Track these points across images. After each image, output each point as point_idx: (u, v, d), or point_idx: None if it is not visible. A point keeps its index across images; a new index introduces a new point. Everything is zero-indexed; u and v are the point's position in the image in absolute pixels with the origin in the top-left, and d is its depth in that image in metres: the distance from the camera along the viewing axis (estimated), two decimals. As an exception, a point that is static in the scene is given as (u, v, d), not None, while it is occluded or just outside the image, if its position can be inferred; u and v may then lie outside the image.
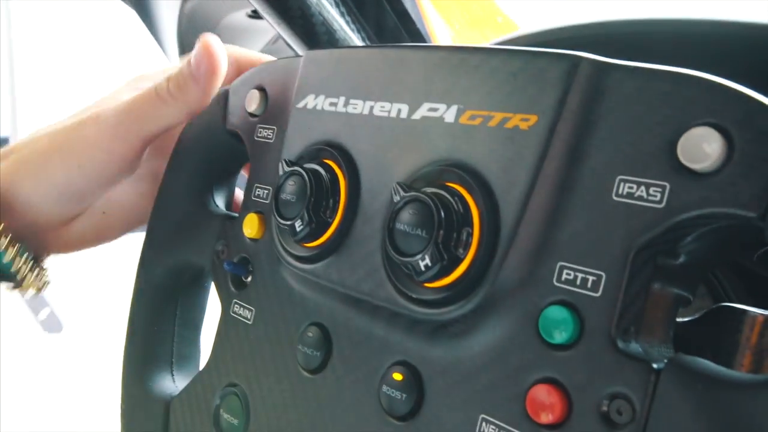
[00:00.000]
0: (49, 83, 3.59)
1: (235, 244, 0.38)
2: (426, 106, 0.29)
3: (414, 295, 0.28)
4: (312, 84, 0.35)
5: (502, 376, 0.26)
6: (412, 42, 0.64)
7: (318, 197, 0.32)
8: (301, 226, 0.32)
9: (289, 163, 0.33)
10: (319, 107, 0.34)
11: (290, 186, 0.32)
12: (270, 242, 0.36)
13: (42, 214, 0.42)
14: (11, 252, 0.41)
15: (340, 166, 0.32)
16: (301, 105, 0.35)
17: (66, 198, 0.41)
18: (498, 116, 0.27)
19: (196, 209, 0.42)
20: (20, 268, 0.41)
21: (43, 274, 0.44)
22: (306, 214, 0.32)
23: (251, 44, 0.84)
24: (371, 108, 0.32)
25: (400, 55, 0.31)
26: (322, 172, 0.32)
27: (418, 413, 0.29)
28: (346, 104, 0.33)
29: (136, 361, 0.44)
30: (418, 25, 0.64)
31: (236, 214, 0.39)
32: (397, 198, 0.28)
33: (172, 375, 0.44)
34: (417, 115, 0.30)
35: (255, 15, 0.78)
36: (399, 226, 0.27)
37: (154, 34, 0.86)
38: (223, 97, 0.40)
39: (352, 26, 0.59)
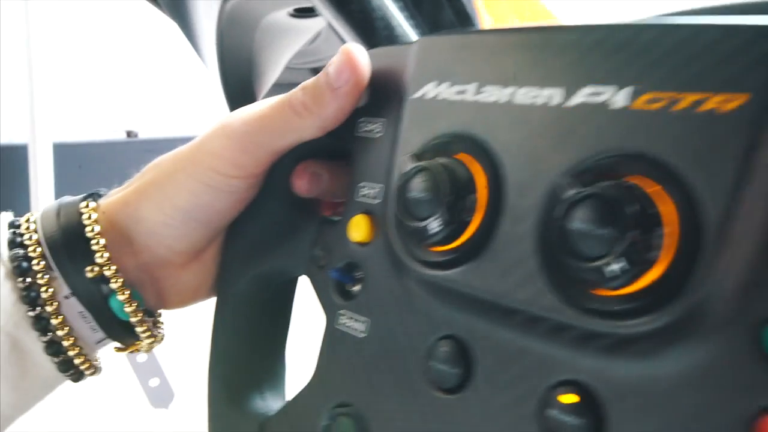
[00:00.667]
0: (67, 89, 3.59)
1: (338, 249, 0.35)
2: (586, 90, 0.26)
3: (589, 305, 0.24)
4: (431, 72, 0.32)
5: (713, 402, 0.22)
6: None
7: (457, 194, 0.28)
8: (439, 227, 0.28)
9: (417, 158, 0.30)
10: (442, 96, 0.31)
11: (421, 183, 0.29)
12: (382, 246, 0.33)
13: (164, 245, 0.38)
14: (125, 299, 0.37)
15: (476, 160, 0.29)
16: (418, 95, 0.32)
17: (192, 222, 0.38)
18: (689, 98, 0.23)
19: (285, 212, 0.39)
20: (137, 319, 0.37)
21: (159, 329, 0.40)
22: (445, 213, 0.28)
23: (291, 44, 0.81)
24: (511, 95, 0.28)
25: (545, 36, 0.28)
26: (458, 166, 0.29)
27: None
28: (477, 92, 0.29)
29: (223, 379, 0.41)
30: (476, 25, 0.61)
31: (334, 218, 0.36)
32: (570, 193, 0.24)
33: (261, 393, 0.41)
34: (573, 102, 0.26)
35: (297, 14, 0.75)
36: (575, 225, 0.24)
37: (188, 35, 0.84)
38: None
39: (410, 21, 0.56)
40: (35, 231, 0.37)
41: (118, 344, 0.40)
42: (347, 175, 0.36)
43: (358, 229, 0.34)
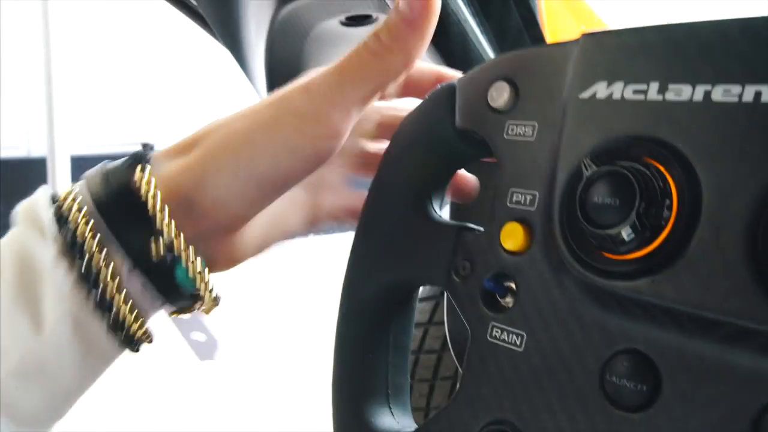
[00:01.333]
0: (85, 102, 3.61)
1: (486, 259, 0.33)
2: None
3: None
4: (600, 70, 0.30)
5: None
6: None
7: (649, 199, 0.26)
8: (630, 235, 0.26)
9: (596, 161, 0.28)
10: (616, 96, 0.29)
11: (607, 187, 0.27)
12: (540, 256, 0.31)
13: (230, 214, 0.36)
14: (191, 267, 0.35)
15: (664, 164, 0.27)
16: (586, 95, 0.30)
17: (269, 188, 0.36)
18: None
19: (417, 218, 0.37)
20: (200, 284, 0.36)
21: (216, 292, 0.38)
22: (637, 221, 0.26)
23: (341, 53, 0.80)
24: (707, 93, 0.26)
25: (740, 27, 0.26)
26: (648, 170, 0.27)
27: None
28: (662, 90, 0.27)
29: (350, 394, 0.38)
30: (543, 31, 0.59)
31: (474, 226, 0.34)
32: None
33: (390, 408, 0.39)
34: None
35: (349, 22, 0.74)
36: None
37: (236, 54, 0.83)
38: (448, 91, 0.35)
39: (480, 27, 0.55)
40: (82, 205, 0.34)
41: (175, 308, 0.38)
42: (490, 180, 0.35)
43: (513, 237, 0.32)
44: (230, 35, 0.84)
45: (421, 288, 0.40)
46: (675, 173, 0.26)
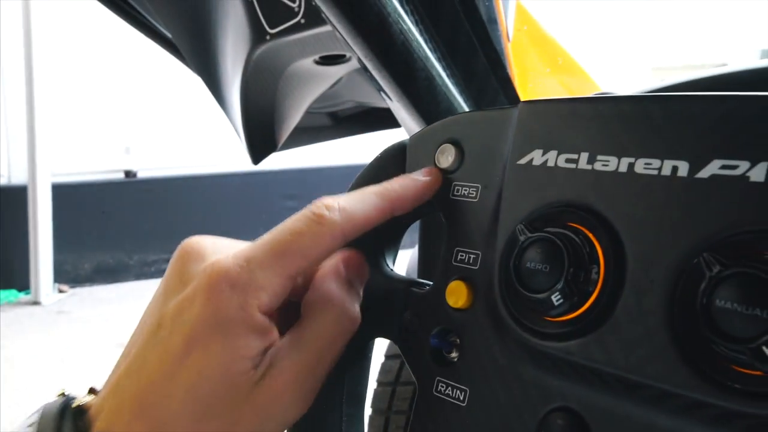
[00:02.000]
0: (66, 130, 3.60)
1: (432, 315, 0.34)
2: (717, 163, 0.25)
3: (734, 385, 0.23)
4: (536, 138, 0.31)
5: None
6: (502, 89, 0.61)
7: (577, 265, 0.28)
8: (560, 299, 0.28)
9: (529, 227, 0.29)
10: (550, 164, 0.30)
11: (538, 254, 0.28)
12: (481, 313, 0.32)
13: None
14: None
15: (592, 230, 0.28)
16: (523, 161, 0.31)
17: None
18: None
19: (371, 273, 0.38)
20: None
21: None
22: (565, 287, 0.27)
23: (313, 89, 0.81)
24: (630, 165, 0.28)
25: (663, 106, 0.27)
26: (576, 237, 0.28)
27: None
28: (591, 161, 0.29)
29: None
30: (508, 72, 0.61)
31: (423, 281, 0.35)
32: (714, 270, 0.24)
33: None
34: (704, 174, 0.26)
35: (322, 61, 0.76)
36: (724, 304, 0.23)
37: (211, 87, 0.84)
38: (399, 150, 0.37)
39: (447, 71, 0.56)
40: None
41: None
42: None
43: (457, 294, 0.33)
44: (207, 70, 0.86)
45: (388, 345, 0.41)
46: (602, 240, 0.28)
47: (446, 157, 0.35)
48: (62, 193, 3.50)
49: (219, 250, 0.32)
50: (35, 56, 3.26)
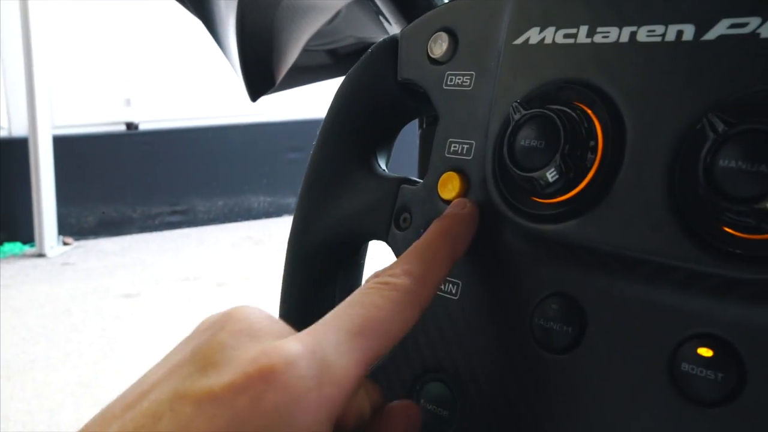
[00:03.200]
0: (67, 81, 3.56)
1: (424, 210, 0.33)
2: (725, 23, 0.24)
3: (736, 251, 0.23)
4: (533, 16, 0.30)
5: None
6: None
7: (574, 141, 0.26)
8: (554, 177, 0.26)
9: (525, 105, 0.28)
10: (548, 41, 0.29)
11: (533, 130, 0.27)
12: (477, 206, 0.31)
13: None
14: None
15: (591, 106, 0.27)
16: (519, 41, 0.30)
17: None
18: None
19: (362, 172, 0.37)
20: None
21: None
22: (561, 162, 0.26)
23: (311, 23, 0.78)
24: (632, 35, 0.26)
25: None
26: (573, 112, 0.27)
27: (738, 396, 0.23)
28: (591, 34, 0.27)
29: None
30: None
31: (416, 179, 0.35)
32: (720, 130, 0.22)
33: None
34: (711, 35, 0.24)
35: (320, -8, 0.73)
36: (727, 163, 0.22)
37: (207, 24, 0.81)
38: (391, 44, 0.35)
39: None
40: None
41: None
42: None
43: (450, 186, 0.32)
44: (202, 8, 0.83)
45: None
46: (600, 115, 0.27)
47: (439, 46, 0.33)
48: (64, 146, 3.48)
49: (277, 327, 0.24)
50: (32, 5, 3.20)
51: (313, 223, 0.39)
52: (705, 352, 0.24)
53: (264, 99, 0.86)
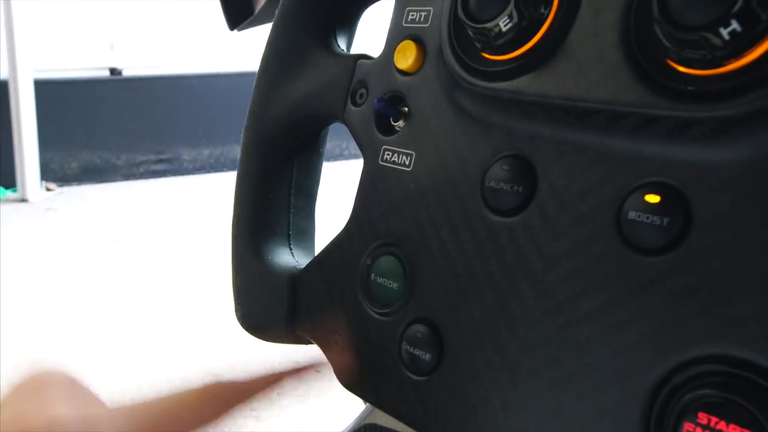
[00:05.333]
0: (49, 23, 3.47)
1: (380, 83, 0.33)
2: None
3: (689, 87, 0.22)
4: None
5: None
6: None
7: None
8: (508, 25, 0.26)
9: None
10: None
11: None
12: (431, 73, 0.30)
13: None
14: None
15: None
16: None
17: None
18: None
19: (320, 51, 0.36)
20: None
21: None
22: (514, 9, 0.25)
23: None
24: None
25: None
26: None
27: (682, 242, 0.22)
28: None
29: (249, 232, 0.38)
30: None
31: (372, 55, 0.34)
32: None
33: (291, 249, 0.39)
34: None
35: None
36: None
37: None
38: None
39: None
40: None
41: None
42: None
43: (406, 55, 0.31)
44: None
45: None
46: None
47: None
48: (45, 90, 3.41)
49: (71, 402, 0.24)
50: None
51: (269, 104, 0.38)
52: (652, 198, 0.23)
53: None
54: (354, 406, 0.44)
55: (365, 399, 0.34)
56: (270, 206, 0.39)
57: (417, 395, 0.30)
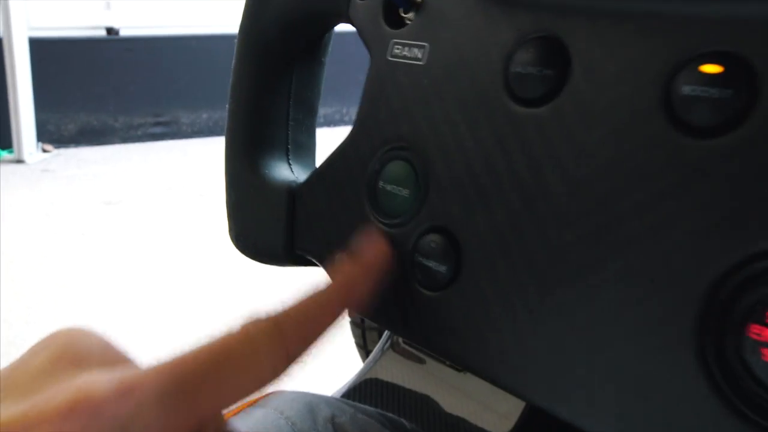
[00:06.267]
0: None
1: None
2: None
3: None
4: None
5: None
6: None
7: None
8: None
9: None
10: None
11: None
12: None
13: None
14: None
15: None
16: None
17: None
18: None
19: None
20: None
21: None
22: None
23: None
24: None
25: None
26: None
27: (746, 119, 0.20)
28: None
29: (245, 146, 0.35)
30: None
31: None
32: None
33: (289, 163, 0.36)
34: None
35: None
36: None
37: None
38: None
39: None
40: None
41: None
42: None
43: None
44: None
45: None
46: None
47: None
48: (41, 49, 3.34)
49: (106, 361, 0.22)
50: None
51: (267, 2, 0.34)
52: (712, 68, 0.20)
53: None
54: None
55: (374, 320, 0.31)
56: (266, 118, 0.35)
57: (432, 312, 0.27)
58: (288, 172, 0.36)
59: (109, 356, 0.22)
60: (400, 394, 0.63)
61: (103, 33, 3.65)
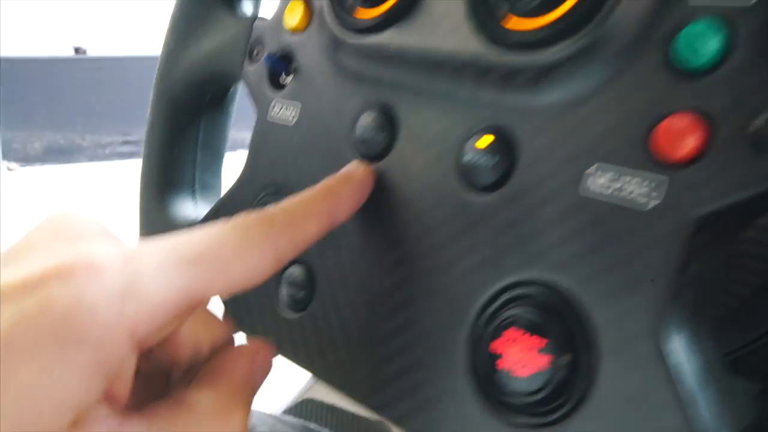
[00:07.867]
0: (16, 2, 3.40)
1: (273, 41, 0.35)
2: None
3: (510, 40, 0.25)
4: None
5: (622, 116, 0.23)
6: None
7: None
8: None
9: None
10: None
11: None
12: (317, 31, 0.33)
13: None
14: None
15: None
16: None
17: None
18: None
19: (224, 12, 0.38)
20: None
21: None
22: None
23: None
24: None
25: None
26: None
27: (508, 180, 0.25)
28: None
29: (155, 186, 0.41)
30: None
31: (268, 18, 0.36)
32: None
33: (194, 200, 0.41)
34: None
35: None
36: None
37: None
38: None
39: None
40: None
41: None
42: None
43: (294, 14, 0.33)
44: None
45: None
46: None
47: None
48: (7, 68, 3.36)
49: (105, 235, 0.22)
50: None
51: (176, 62, 0.40)
52: (486, 138, 0.26)
53: None
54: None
55: (252, 335, 0.36)
56: (176, 163, 0.41)
57: (297, 331, 0.32)
58: (192, 210, 0.41)
59: (106, 236, 0.22)
60: (336, 414, 0.68)
61: (70, 53, 3.67)
